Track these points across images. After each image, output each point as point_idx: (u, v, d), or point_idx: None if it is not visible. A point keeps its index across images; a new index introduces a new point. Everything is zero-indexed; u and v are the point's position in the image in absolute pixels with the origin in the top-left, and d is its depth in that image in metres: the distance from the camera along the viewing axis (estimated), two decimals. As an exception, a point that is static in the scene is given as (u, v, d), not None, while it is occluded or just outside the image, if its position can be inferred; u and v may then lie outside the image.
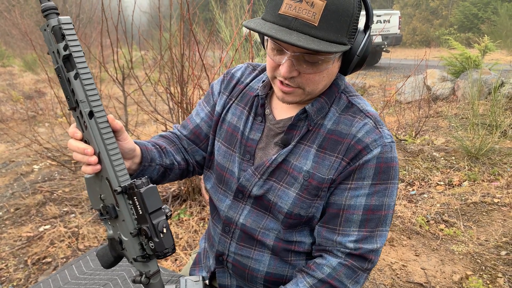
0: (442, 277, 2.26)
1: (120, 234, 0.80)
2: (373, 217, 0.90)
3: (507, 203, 3.01)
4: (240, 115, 1.04)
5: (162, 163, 1.01)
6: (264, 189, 0.96)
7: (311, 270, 0.92)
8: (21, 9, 12.04)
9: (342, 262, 0.90)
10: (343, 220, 0.91)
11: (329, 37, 0.77)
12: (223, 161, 1.05)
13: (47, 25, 0.72)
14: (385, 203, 0.91)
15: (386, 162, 0.89)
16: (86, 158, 0.76)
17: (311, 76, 0.85)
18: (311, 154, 0.92)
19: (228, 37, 4.00)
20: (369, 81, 8.24)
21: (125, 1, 3.42)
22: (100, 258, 0.87)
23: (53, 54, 0.73)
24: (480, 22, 19.20)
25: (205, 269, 1.15)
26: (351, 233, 0.91)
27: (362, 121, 0.91)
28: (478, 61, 6.24)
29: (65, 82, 0.74)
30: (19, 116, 6.69)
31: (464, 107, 5.53)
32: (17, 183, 3.95)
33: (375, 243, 0.91)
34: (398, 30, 11.24)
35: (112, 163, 0.77)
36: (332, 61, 0.84)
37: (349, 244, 0.90)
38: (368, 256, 0.91)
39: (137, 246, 0.78)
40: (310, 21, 0.76)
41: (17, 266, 2.53)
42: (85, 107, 0.74)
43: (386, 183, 0.90)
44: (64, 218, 3.08)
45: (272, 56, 0.86)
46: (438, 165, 3.81)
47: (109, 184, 0.77)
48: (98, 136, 0.76)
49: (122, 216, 0.78)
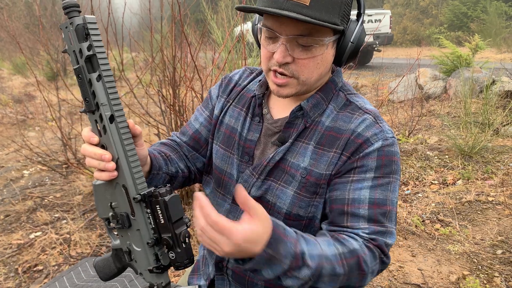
0: (439, 278, 2.25)
1: (131, 244, 0.76)
2: (379, 211, 0.85)
3: (501, 201, 3.01)
4: (237, 117, 1.03)
5: (168, 171, 0.99)
6: (262, 189, 0.94)
7: (341, 238, 0.82)
8: (9, 11, 11.88)
9: (365, 243, 0.82)
10: (349, 215, 0.85)
11: (321, 16, 0.78)
12: (221, 164, 1.03)
13: (70, 23, 0.69)
14: (388, 198, 0.86)
15: (388, 156, 0.87)
16: (103, 164, 0.72)
17: (305, 62, 0.84)
18: (308, 151, 0.91)
19: (220, 38, 3.97)
20: (361, 81, 8.25)
21: (115, 2, 3.37)
22: (100, 270, 0.82)
23: (73, 53, 0.70)
24: (470, 21, 19.38)
25: (203, 276, 1.12)
26: (361, 227, 0.84)
27: (361, 117, 0.90)
28: (469, 60, 6.28)
29: (85, 83, 0.71)
30: (8, 120, 6.59)
31: (456, 105, 5.56)
32: (6, 189, 3.87)
33: (389, 238, 0.85)
34: (389, 29, 11.30)
35: (131, 170, 0.73)
36: (326, 46, 0.83)
37: (363, 234, 0.84)
38: (385, 249, 0.84)
39: (152, 257, 0.75)
40: (302, 1, 0.77)
41: (8, 274, 2.47)
42: (106, 110, 0.71)
43: (388, 177, 0.87)
44: (55, 225, 3.02)
45: (266, 45, 0.86)
46: (432, 164, 3.81)
47: (125, 192, 0.74)
48: (118, 142, 0.73)
49: (137, 225, 0.74)
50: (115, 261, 0.81)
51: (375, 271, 0.84)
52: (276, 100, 1.00)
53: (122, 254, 0.79)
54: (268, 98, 1.02)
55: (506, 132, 4.36)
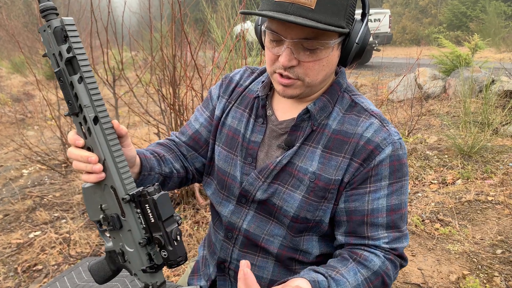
0: (439, 277, 2.25)
1: (124, 245, 0.76)
2: (396, 217, 0.89)
3: (501, 201, 3.02)
4: (240, 118, 1.02)
5: (161, 171, 0.98)
6: (268, 193, 0.93)
7: (363, 260, 0.86)
8: (8, 10, 11.85)
9: (386, 256, 0.88)
10: (369, 225, 0.89)
11: (326, 19, 0.77)
12: (224, 165, 1.02)
13: (48, 25, 0.68)
14: (402, 200, 0.90)
15: (398, 160, 0.88)
16: (90, 167, 0.71)
17: (310, 65, 0.83)
18: (316, 155, 0.90)
19: (220, 38, 3.96)
20: (361, 80, 8.25)
21: (114, 1, 3.36)
22: (95, 273, 0.81)
23: (53, 56, 0.69)
24: (469, 21, 19.42)
25: (204, 277, 1.11)
26: (381, 236, 0.89)
27: (367, 120, 0.90)
28: (469, 59, 6.29)
29: (67, 86, 0.70)
30: (7, 119, 6.57)
31: (456, 105, 5.57)
32: (5, 188, 3.86)
33: (405, 241, 0.91)
34: (389, 29, 11.31)
35: (118, 170, 0.73)
36: (332, 48, 0.83)
37: (384, 245, 0.89)
38: (404, 255, 0.91)
39: (145, 257, 0.74)
40: (307, 5, 0.75)
41: (7, 274, 2.46)
42: (90, 112, 0.71)
43: (401, 181, 0.90)
44: (55, 224, 3.01)
45: (271, 48, 0.85)
46: (431, 163, 3.81)
47: (114, 193, 0.73)
48: (103, 143, 0.72)
49: (128, 226, 0.74)
50: (110, 263, 0.80)
51: (396, 277, 0.91)
52: (280, 102, 0.99)
53: (116, 256, 0.78)
54: (271, 99, 1.01)
55: (506, 131, 4.36)
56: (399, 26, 22.54)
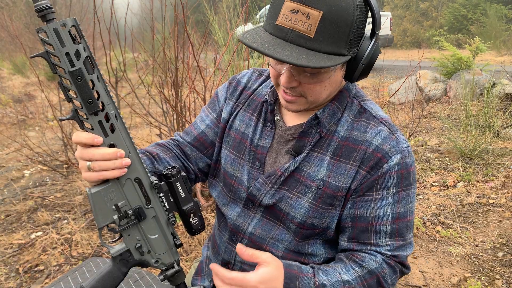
0: (440, 280, 2.25)
1: (144, 236, 0.79)
2: (401, 225, 0.89)
3: (502, 204, 3.02)
4: (248, 122, 1.01)
5: (155, 170, 0.97)
6: (275, 198, 0.93)
7: (359, 260, 0.89)
8: (9, 11, 11.87)
9: (386, 260, 0.89)
10: (373, 233, 0.89)
11: (326, 49, 0.75)
12: (232, 169, 1.02)
13: (62, 24, 0.66)
14: (409, 209, 0.90)
15: (406, 168, 0.87)
16: (119, 162, 0.71)
17: (311, 86, 0.83)
18: (325, 162, 0.90)
19: (222, 39, 3.97)
20: (362, 83, 8.25)
21: (115, 3, 3.37)
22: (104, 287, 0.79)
23: (66, 56, 0.67)
24: (470, 23, 19.44)
25: (207, 278, 1.12)
26: (383, 244, 0.89)
27: (376, 127, 0.89)
28: (470, 62, 6.30)
29: (87, 85, 0.69)
30: (8, 120, 6.58)
31: (457, 108, 5.57)
32: (7, 188, 3.87)
33: (408, 250, 0.91)
34: (390, 31, 11.33)
35: (141, 161, 0.76)
36: (334, 71, 0.82)
37: (386, 252, 0.89)
38: (406, 262, 0.91)
39: (171, 236, 0.81)
40: (306, 33, 0.73)
41: (9, 274, 2.46)
42: (111, 109, 0.72)
43: (408, 189, 0.89)
44: (56, 225, 3.02)
45: (274, 64, 0.85)
46: (432, 166, 3.82)
47: (138, 184, 0.76)
48: (126, 137, 0.74)
49: (153, 212, 0.79)
50: (121, 266, 0.79)
51: (395, 283, 0.91)
52: None
53: (129, 255, 0.78)
54: (280, 104, 1.00)
55: (507, 134, 4.37)
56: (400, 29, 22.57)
